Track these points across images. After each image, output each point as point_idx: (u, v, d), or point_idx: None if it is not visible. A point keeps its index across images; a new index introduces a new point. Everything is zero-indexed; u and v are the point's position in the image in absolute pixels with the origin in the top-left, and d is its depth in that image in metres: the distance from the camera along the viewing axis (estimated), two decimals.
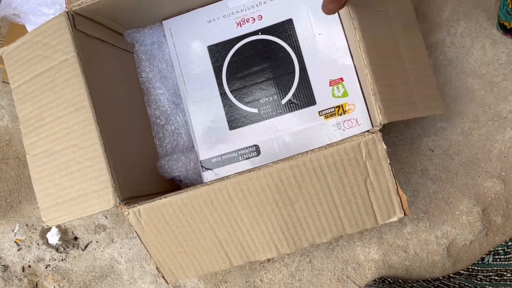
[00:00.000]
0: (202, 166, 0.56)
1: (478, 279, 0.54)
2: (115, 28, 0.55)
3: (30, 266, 0.68)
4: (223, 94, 0.55)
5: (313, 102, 0.53)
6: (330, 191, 0.43)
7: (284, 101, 0.54)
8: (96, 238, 0.66)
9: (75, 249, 0.67)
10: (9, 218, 0.69)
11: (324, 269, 0.60)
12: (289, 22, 0.54)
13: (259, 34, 0.55)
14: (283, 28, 0.54)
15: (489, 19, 0.58)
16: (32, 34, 0.46)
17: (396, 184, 0.42)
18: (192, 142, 0.57)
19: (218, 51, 0.56)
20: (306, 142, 0.53)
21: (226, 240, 0.45)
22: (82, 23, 0.47)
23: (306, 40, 0.53)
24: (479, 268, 0.56)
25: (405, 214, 0.43)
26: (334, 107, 0.53)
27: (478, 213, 0.56)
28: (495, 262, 0.55)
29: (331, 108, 0.53)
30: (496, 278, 0.53)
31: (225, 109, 0.55)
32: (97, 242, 0.66)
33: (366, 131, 0.41)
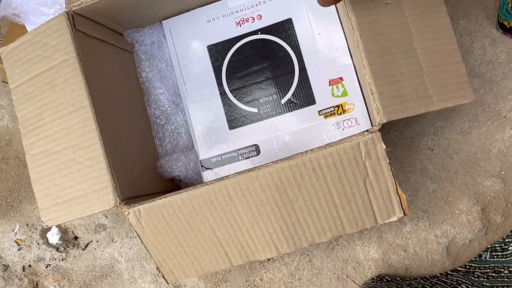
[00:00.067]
0: (202, 166, 0.56)
1: (476, 276, 0.54)
2: (115, 28, 0.55)
3: (30, 266, 0.68)
4: (223, 94, 0.56)
5: (312, 102, 0.53)
6: (330, 191, 0.43)
7: (283, 100, 0.54)
8: (96, 238, 0.66)
9: (75, 248, 0.67)
10: (9, 218, 0.69)
11: (324, 268, 0.60)
12: (288, 21, 0.54)
13: (259, 33, 0.55)
14: (283, 27, 0.54)
15: (488, 18, 0.58)
16: (31, 34, 0.46)
17: (395, 183, 0.42)
18: (192, 141, 0.57)
19: (217, 51, 0.56)
20: (305, 142, 0.53)
21: (226, 239, 0.45)
22: (82, 23, 0.47)
23: (306, 39, 0.53)
24: (477, 265, 0.56)
25: (404, 213, 0.43)
26: (333, 107, 0.53)
27: (478, 212, 0.57)
28: (493, 259, 0.55)
29: (331, 107, 0.53)
30: (493, 274, 0.53)
31: (224, 108, 0.55)
32: (97, 241, 0.66)
33: (365, 131, 0.41)
